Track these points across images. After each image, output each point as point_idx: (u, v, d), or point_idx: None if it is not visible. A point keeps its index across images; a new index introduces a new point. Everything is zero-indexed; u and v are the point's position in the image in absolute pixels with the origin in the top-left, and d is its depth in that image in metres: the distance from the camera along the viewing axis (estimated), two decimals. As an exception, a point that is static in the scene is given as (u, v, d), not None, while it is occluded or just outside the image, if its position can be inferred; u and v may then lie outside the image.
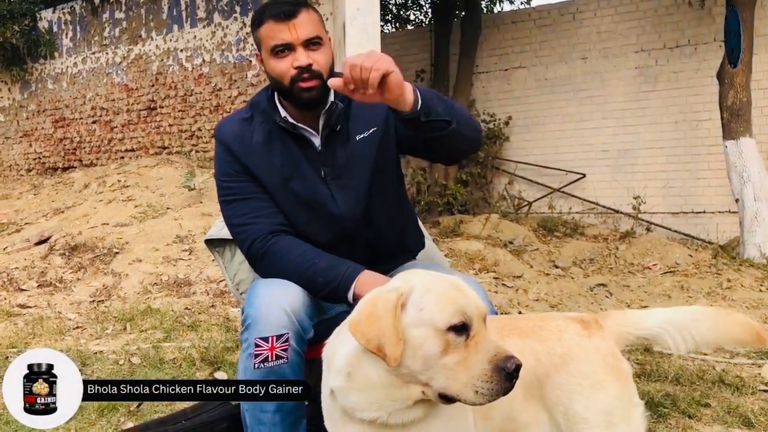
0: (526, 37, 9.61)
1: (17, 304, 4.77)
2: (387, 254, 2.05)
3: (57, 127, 10.75)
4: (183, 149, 8.87)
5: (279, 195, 1.92)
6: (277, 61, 1.85)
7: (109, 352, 3.70)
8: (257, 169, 1.92)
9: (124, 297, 4.79)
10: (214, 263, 5.16)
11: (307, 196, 1.92)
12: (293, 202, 1.92)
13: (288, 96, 1.89)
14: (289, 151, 1.92)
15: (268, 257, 1.87)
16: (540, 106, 9.45)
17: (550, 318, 1.68)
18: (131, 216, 6.45)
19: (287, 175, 1.92)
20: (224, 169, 1.96)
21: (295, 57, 1.82)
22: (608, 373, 1.58)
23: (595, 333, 1.63)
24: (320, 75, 1.83)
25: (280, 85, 1.87)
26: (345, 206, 1.93)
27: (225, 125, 2.00)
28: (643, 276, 6.43)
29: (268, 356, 1.68)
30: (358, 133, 1.93)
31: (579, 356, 1.58)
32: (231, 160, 1.94)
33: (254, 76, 8.28)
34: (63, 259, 5.61)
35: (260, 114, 1.96)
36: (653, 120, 8.64)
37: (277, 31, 1.82)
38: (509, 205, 9.25)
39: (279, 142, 1.93)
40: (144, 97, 9.55)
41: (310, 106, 1.87)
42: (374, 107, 1.89)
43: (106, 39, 10.04)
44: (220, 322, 4.15)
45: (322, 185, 1.92)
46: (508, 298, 5.20)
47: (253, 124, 1.95)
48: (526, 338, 1.59)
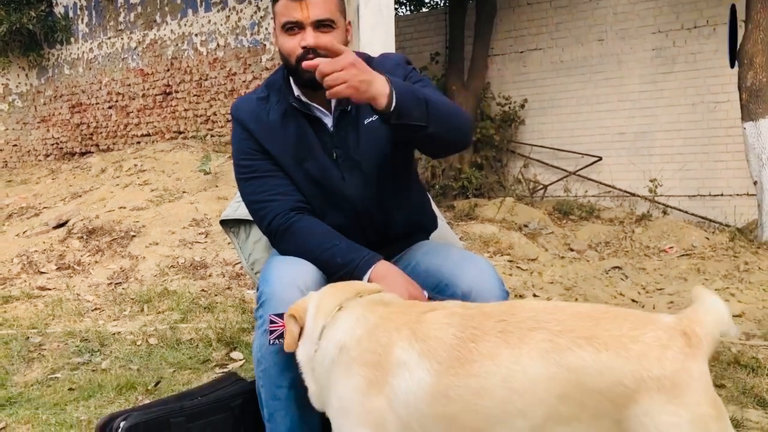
0: (542, 18, 9.52)
1: (37, 287, 4.84)
2: (397, 236, 2.06)
3: (74, 113, 10.84)
4: (198, 134, 8.91)
5: (293, 174, 1.94)
6: (287, 39, 1.85)
7: (127, 332, 3.76)
8: (273, 147, 1.93)
9: (141, 279, 4.85)
10: (229, 246, 5.20)
11: (319, 177, 1.93)
12: (307, 182, 1.94)
13: (293, 74, 1.90)
14: (303, 131, 1.93)
15: (289, 233, 1.89)
16: (556, 89, 9.38)
17: (642, 323, 1.32)
18: (148, 200, 6.50)
19: (301, 156, 1.93)
20: (241, 147, 1.97)
21: (303, 36, 1.82)
22: (712, 407, 1.28)
23: (699, 351, 1.31)
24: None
25: (288, 63, 1.88)
26: (355, 188, 1.94)
27: (241, 104, 2.01)
28: (659, 259, 6.40)
29: (282, 332, 1.70)
30: (366, 117, 1.93)
31: (683, 384, 1.27)
32: (248, 137, 1.95)
33: (268, 60, 8.28)
34: (81, 243, 5.68)
35: (276, 93, 1.97)
36: (670, 102, 8.55)
37: (290, 8, 1.82)
38: (524, 189, 9.21)
39: (293, 121, 1.93)
40: (159, 82, 9.59)
41: (311, 86, 1.85)
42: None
43: (122, 24, 10.07)
44: (236, 304, 4.19)
45: (333, 167, 1.94)
46: (522, 280, 5.20)
47: (269, 103, 1.96)
48: (604, 350, 1.28)
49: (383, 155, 1.94)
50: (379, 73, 1.64)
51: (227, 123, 8.72)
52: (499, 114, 9.62)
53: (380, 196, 1.97)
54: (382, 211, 1.99)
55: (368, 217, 1.98)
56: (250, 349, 3.23)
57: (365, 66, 1.61)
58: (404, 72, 1.95)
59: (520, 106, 9.54)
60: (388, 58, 2.02)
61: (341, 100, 1.90)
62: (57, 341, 3.63)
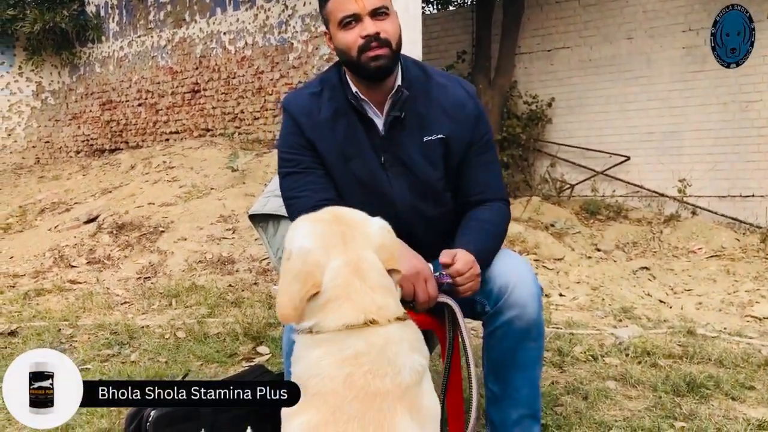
0: (570, 17, 9.43)
1: (68, 280, 4.93)
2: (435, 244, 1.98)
3: (104, 110, 11.00)
4: (226, 131, 8.99)
5: (338, 173, 1.93)
6: (345, 33, 1.83)
7: (155, 326, 3.82)
8: (321, 144, 1.92)
9: (169, 274, 4.91)
10: (257, 242, 5.25)
11: (365, 177, 1.92)
12: (351, 182, 1.93)
13: (357, 68, 1.86)
14: (353, 130, 1.92)
15: None
16: (584, 87, 9.29)
17: None
18: (176, 196, 6.57)
19: (349, 155, 1.92)
20: (287, 141, 1.97)
21: (363, 27, 1.81)
22: None
23: None
24: (389, 43, 1.82)
25: (349, 58, 1.86)
26: (401, 193, 1.93)
27: (294, 97, 2.01)
28: (688, 260, 6.33)
29: None
30: (426, 134, 1.92)
31: None
32: (296, 132, 1.95)
33: (295, 58, 8.32)
34: (111, 237, 5.77)
35: (329, 89, 1.95)
36: (701, 101, 8.41)
37: (344, 3, 1.81)
38: (551, 188, 9.15)
39: (345, 120, 1.92)
40: (188, 80, 9.69)
41: (379, 76, 1.85)
42: (446, 112, 1.93)
43: (151, 23, 10.20)
44: (263, 299, 4.23)
45: (380, 169, 1.93)
46: (548, 279, 5.18)
47: (322, 98, 1.95)
48: None
49: (434, 171, 1.94)
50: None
51: (254, 121, 8.79)
52: (526, 112, 9.56)
53: (426, 204, 1.96)
54: (426, 218, 1.98)
55: (411, 222, 1.96)
56: (276, 344, 3.27)
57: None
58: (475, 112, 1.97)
59: (547, 104, 9.47)
60: (459, 84, 2.02)
61: (395, 106, 1.90)
62: (87, 333, 3.70)
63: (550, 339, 3.47)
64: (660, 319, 4.11)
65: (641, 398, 2.71)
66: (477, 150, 1.97)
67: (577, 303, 4.59)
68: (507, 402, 1.89)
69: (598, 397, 2.68)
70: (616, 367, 3.08)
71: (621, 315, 4.21)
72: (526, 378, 1.88)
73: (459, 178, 1.98)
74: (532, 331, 1.82)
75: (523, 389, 1.88)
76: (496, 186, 2.01)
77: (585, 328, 3.81)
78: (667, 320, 4.07)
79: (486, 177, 1.99)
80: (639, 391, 2.79)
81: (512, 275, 1.81)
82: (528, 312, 1.80)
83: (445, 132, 1.92)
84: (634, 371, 2.98)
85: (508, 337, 1.82)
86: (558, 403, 2.65)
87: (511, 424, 1.90)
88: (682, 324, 3.88)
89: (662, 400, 2.64)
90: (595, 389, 2.76)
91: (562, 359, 3.19)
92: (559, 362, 3.15)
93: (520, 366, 1.86)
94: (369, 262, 1.38)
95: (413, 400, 1.32)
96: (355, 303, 1.33)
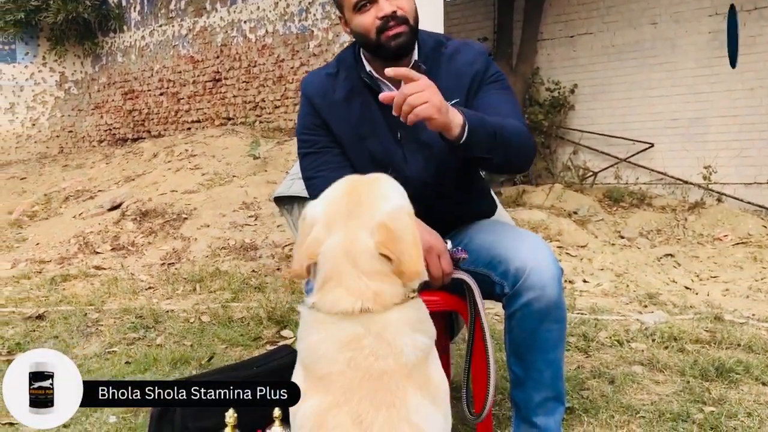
0: (592, 2, 9.31)
1: (93, 266, 4.98)
2: (454, 220, 2.04)
3: (126, 99, 11.08)
4: (247, 120, 9.02)
5: (354, 152, 1.93)
6: (361, 16, 1.82)
7: (180, 310, 3.84)
8: (336, 124, 1.93)
9: (193, 260, 4.94)
10: (279, 229, 5.27)
11: (380, 155, 1.92)
12: (367, 161, 1.92)
13: (377, 49, 1.85)
14: (368, 108, 1.92)
15: None
16: (606, 74, 9.18)
17: None
18: (198, 183, 6.61)
19: (364, 134, 1.92)
20: (305, 122, 1.98)
21: (378, 7, 1.80)
22: None
23: None
24: (406, 20, 1.81)
25: (368, 40, 1.85)
26: (417, 170, 1.92)
27: (311, 79, 2.01)
28: (713, 247, 6.25)
29: None
30: None
31: None
32: (312, 113, 1.95)
33: (316, 46, 8.31)
34: (134, 224, 5.81)
35: (345, 69, 1.96)
36: (727, 87, 8.28)
37: None
38: (573, 175, 9.07)
39: (360, 98, 1.92)
40: (209, 69, 9.72)
41: (400, 55, 1.84)
42: (459, 76, 1.89)
43: (172, 12, 10.23)
44: (286, 284, 4.24)
45: (396, 146, 1.92)
46: (572, 266, 5.14)
47: (338, 78, 1.95)
48: None
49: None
50: (452, 107, 1.64)
51: (275, 109, 8.80)
52: (548, 99, 9.47)
53: (442, 181, 1.94)
54: (442, 196, 1.96)
55: (426, 200, 1.93)
56: (300, 327, 3.28)
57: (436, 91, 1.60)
58: (485, 64, 1.93)
59: (569, 91, 9.38)
60: (471, 46, 1.99)
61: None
62: (113, 318, 3.74)
63: (575, 324, 3.44)
64: (686, 305, 4.06)
65: (669, 383, 2.68)
66: (488, 86, 1.92)
67: (602, 289, 4.55)
68: (530, 384, 1.87)
69: (624, 382, 2.65)
70: (642, 352, 3.05)
71: (646, 301, 4.16)
72: (549, 360, 1.86)
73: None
74: (552, 312, 1.78)
75: (545, 371, 1.86)
76: (514, 113, 1.89)
77: (610, 314, 3.78)
78: (694, 306, 4.02)
79: (500, 104, 1.89)
80: (666, 375, 2.76)
81: (530, 256, 1.78)
82: (547, 293, 1.76)
83: (459, 95, 1.88)
84: (661, 356, 2.95)
85: (527, 318, 1.79)
86: (584, 387, 2.63)
87: (535, 406, 1.88)
88: (709, 310, 3.83)
89: (690, 384, 2.61)
90: (621, 373, 2.73)
91: (587, 344, 3.16)
92: (584, 347, 3.13)
93: (541, 348, 1.84)
94: (362, 244, 1.32)
95: (422, 378, 1.31)
96: (348, 289, 1.29)
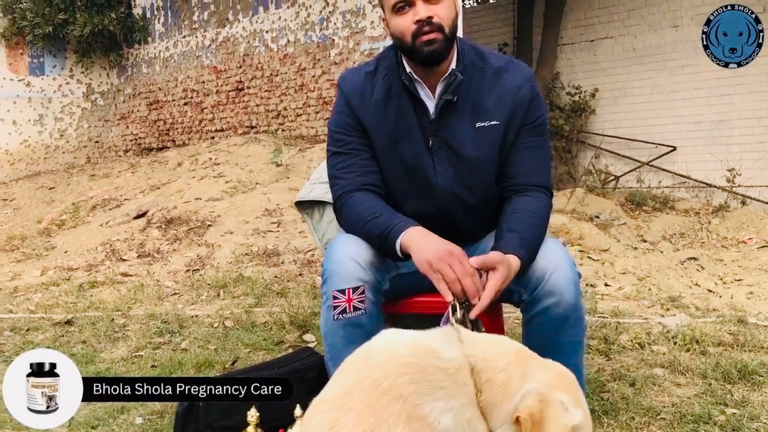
0: (613, 6, 9.28)
1: (120, 273, 5.07)
2: (477, 232, 2.04)
3: (151, 110, 11.25)
4: (270, 128, 9.12)
5: (386, 156, 1.93)
6: (398, 19, 1.83)
7: (204, 316, 3.91)
8: (371, 125, 1.92)
9: (217, 266, 5.01)
10: (301, 235, 5.32)
11: (410, 161, 1.92)
12: (398, 165, 1.93)
13: (411, 53, 1.85)
14: (404, 112, 1.91)
15: (343, 211, 1.90)
16: (628, 78, 9.13)
17: None
18: (222, 191, 6.70)
19: (398, 137, 1.92)
20: (338, 120, 1.97)
21: (415, 11, 1.80)
22: None
23: None
24: (441, 27, 1.80)
25: (403, 43, 1.85)
26: (444, 179, 1.92)
27: (349, 77, 2.00)
28: (738, 250, 6.19)
29: (345, 308, 1.72)
30: (479, 120, 1.89)
31: None
32: (347, 112, 1.95)
33: (336, 54, 8.39)
34: (160, 232, 5.91)
35: (385, 68, 1.95)
36: (751, 89, 8.20)
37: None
38: (595, 180, 9.03)
39: (396, 100, 1.92)
40: (232, 79, 9.85)
41: (431, 61, 1.84)
42: (503, 99, 1.88)
43: (196, 23, 10.39)
44: (308, 289, 4.29)
45: (426, 154, 1.91)
46: (594, 270, 5.12)
47: (376, 78, 1.95)
48: None
49: (485, 159, 1.91)
50: (510, 255, 1.70)
51: (297, 117, 8.89)
52: (569, 104, 9.45)
53: (469, 193, 1.94)
54: (466, 207, 1.96)
55: (449, 209, 1.95)
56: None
57: (509, 268, 1.67)
58: (530, 92, 1.91)
59: (590, 95, 9.35)
60: (518, 67, 1.96)
61: (448, 89, 1.88)
62: (139, 323, 3.81)
63: (596, 327, 3.44)
64: (709, 308, 4.03)
65: (690, 385, 2.67)
66: (527, 131, 1.91)
67: (623, 293, 4.53)
68: None
69: (645, 384, 2.65)
70: (663, 355, 3.04)
71: (668, 304, 4.14)
72: (568, 365, 1.85)
73: (505, 159, 1.93)
74: (570, 317, 1.78)
75: None
76: (542, 172, 1.93)
77: (631, 317, 3.76)
78: (717, 309, 3.99)
79: (533, 161, 1.92)
80: (688, 378, 2.75)
81: (549, 262, 1.78)
82: (566, 298, 1.75)
83: (499, 118, 1.88)
84: (682, 359, 2.94)
85: (546, 324, 1.79)
86: (605, 389, 2.63)
87: None
88: (732, 313, 3.80)
89: (712, 387, 2.60)
90: (642, 376, 2.73)
91: (608, 347, 3.16)
92: (605, 350, 3.13)
93: (560, 353, 1.82)
94: None
95: None
96: None
